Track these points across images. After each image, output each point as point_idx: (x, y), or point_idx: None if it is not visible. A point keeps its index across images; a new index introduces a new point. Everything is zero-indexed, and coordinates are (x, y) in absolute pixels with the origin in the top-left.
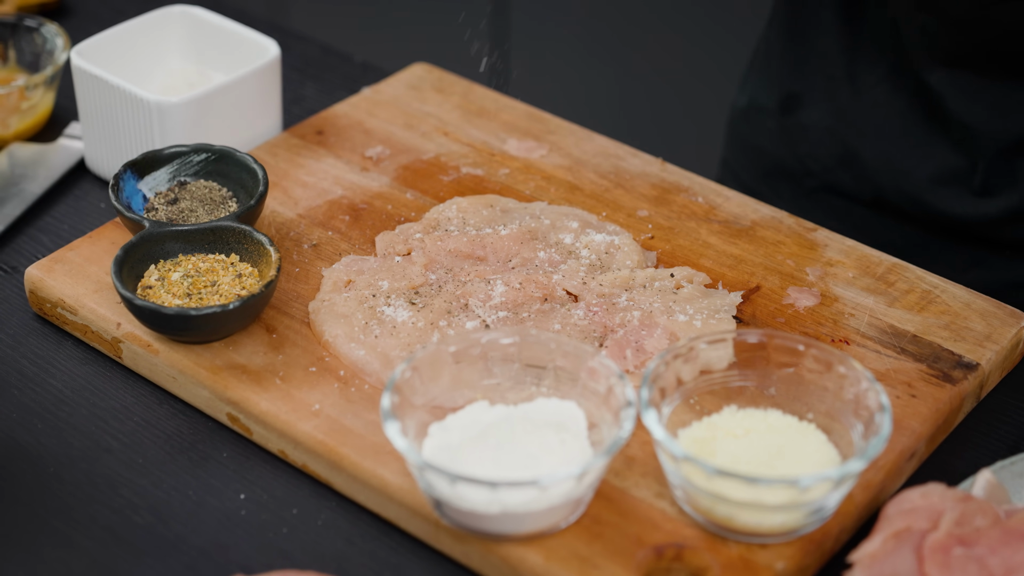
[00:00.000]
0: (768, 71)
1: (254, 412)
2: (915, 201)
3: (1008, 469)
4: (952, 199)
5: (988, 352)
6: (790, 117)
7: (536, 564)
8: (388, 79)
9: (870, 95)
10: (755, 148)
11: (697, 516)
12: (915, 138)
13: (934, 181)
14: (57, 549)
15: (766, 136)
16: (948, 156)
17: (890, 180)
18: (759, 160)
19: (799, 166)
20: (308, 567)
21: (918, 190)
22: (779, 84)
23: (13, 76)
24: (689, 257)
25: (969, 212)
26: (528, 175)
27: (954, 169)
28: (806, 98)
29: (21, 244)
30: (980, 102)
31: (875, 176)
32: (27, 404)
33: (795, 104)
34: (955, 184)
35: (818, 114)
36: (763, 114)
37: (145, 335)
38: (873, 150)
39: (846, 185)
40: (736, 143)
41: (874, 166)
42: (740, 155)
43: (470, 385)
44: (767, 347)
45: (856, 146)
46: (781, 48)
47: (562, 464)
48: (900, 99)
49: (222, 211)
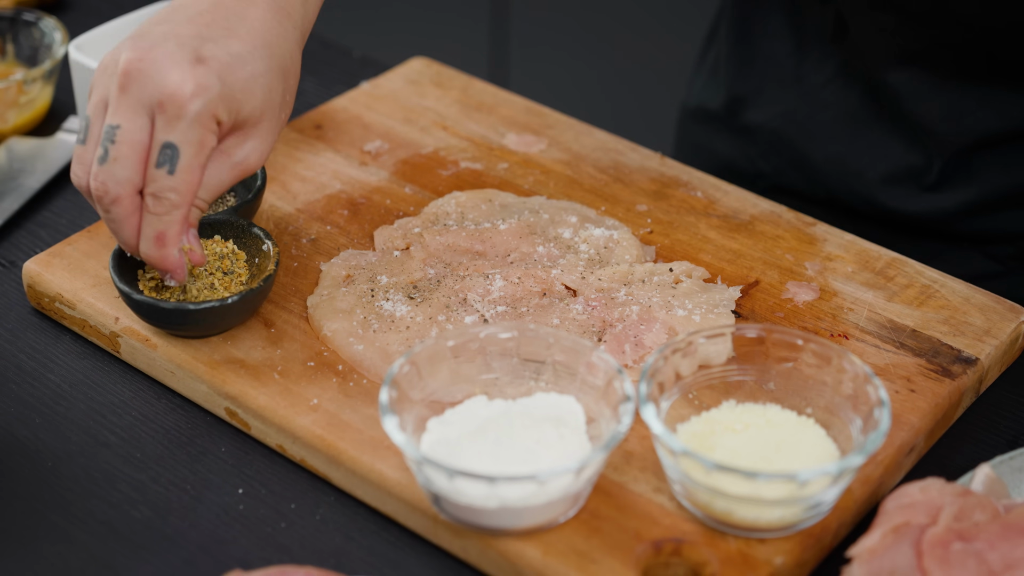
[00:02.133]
0: (715, 72)
1: (252, 407)
2: (868, 201)
3: (1007, 464)
4: (906, 197)
5: (987, 347)
6: (738, 119)
7: (534, 559)
8: (387, 73)
9: (818, 96)
10: (705, 149)
11: (696, 511)
12: (867, 139)
13: (886, 181)
14: (55, 544)
15: (716, 137)
16: (901, 155)
17: (841, 181)
18: (710, 160)
19: (750, 167)
20: (306, 562)
21: (870, 190)
22: (727, 86)
23: (11, 70)
24: (688, 252)
25: (924, 208)
26: (527, 169)
27: (908, 168)
28: (753, 100)
29: (19, 238)
30: (936, 101)
31: (826, 178)
32: (25, 399)
33: (742, 106)
34: (908, 182)
35: (765, 116)
36: (711, 115)
37: (143, 329)
38: (823, 152)
39: (799, 186)
40: (686, 143)
41: (824, 168)
42: (691, 155)
43: (468, 380)
44: (766, 342)
45: (806, 148)
46: (728, 50)
47: (560, 459)
48: (850, 99)
49: (220, 205)
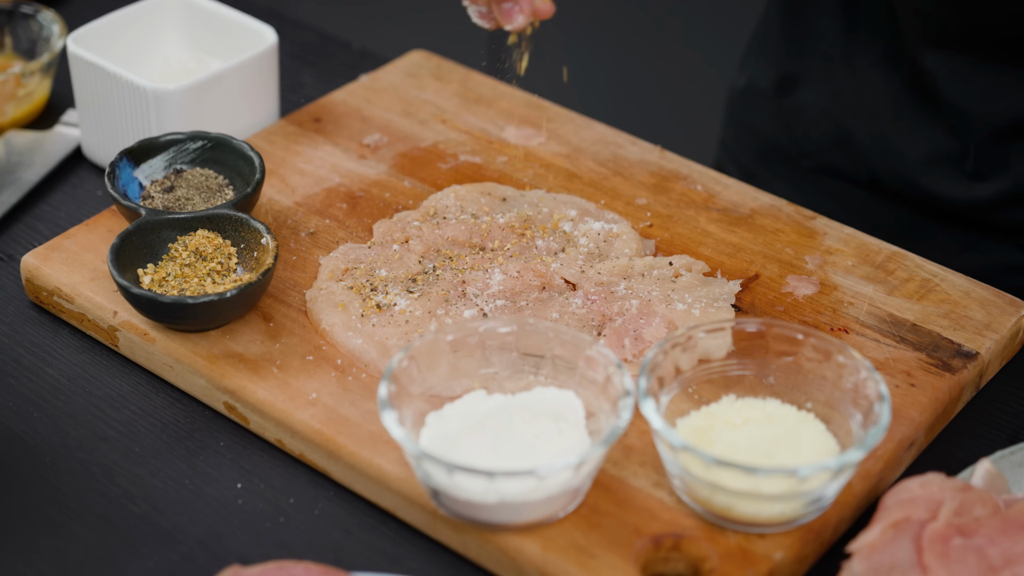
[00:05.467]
0: (766, 52)
1: (251, 401)
2: (908, 183)
3: (1007, 459)
4: (944, 182)
5: (988, 341)
6: (786, 98)
7: (534, 554)
8: (386, 66)
9: (865, 77)
10: (753, 129)
11: (695, 506)
12: (908, 120)
13: (927, 163)
14: (53, 538)
15: (763, 117)
16: (940, 139)
17: (884, 162)
18: (756, 142)
19: (795, 147)
20: (305, 557)
21: (911, 172)
22: (776, 65)
23: (9, 63)
24: (688, 245)
25: (961, 195)
26: (526, 163)
27: (946, 152)
28: (803, 79)
29: (17, 232)
30: (972, 85)
31: (869, 158)
32: (23, 393)
33: (792, 85)
34: (947, 167)
35: (814, 96)
36: (760, 95)
37: (142, 323)
38: (867, 132)
39: (842, 166)
40: (734, 124)
41: (868, 148)
42: (738, 136)
43: (468, 374)
44: (766, 336)
45: (851, 128)
46: (779, 29)
47: (560, 454)
48: (894, 81)
49: (219, 199)
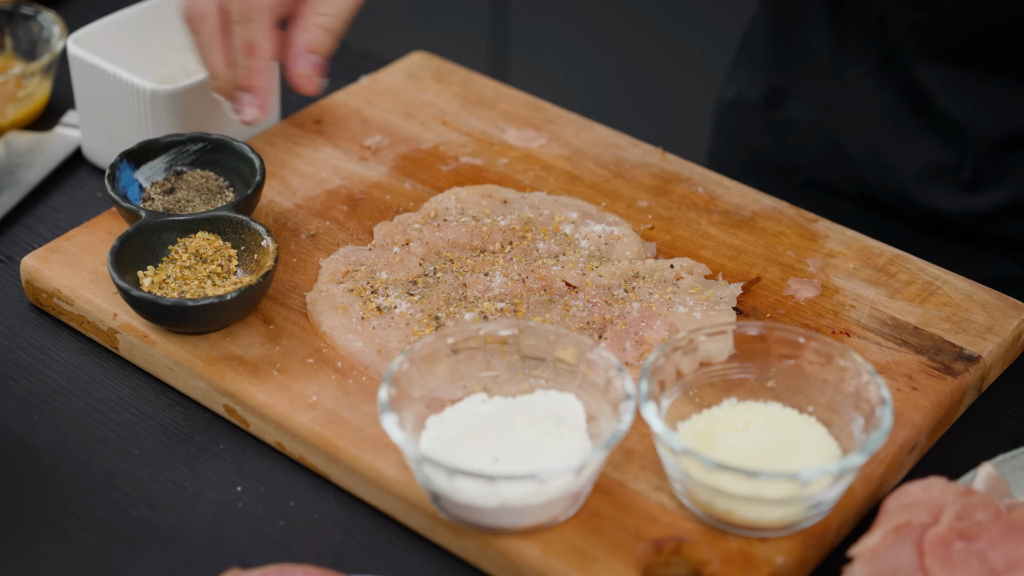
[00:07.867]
0: (754, 64)
1: (251, 404)
2: (902, 196)
3: (1010, 463)
4: (939, 195)
5: (990, 344)
6: (776, 111)
7: (534, 558)
8: (387, 68)
9: (856, 89)
10: (741, 142)
11: (696, 510)
12: (902, 133)
13: (921, 176)
14: (53, 542)
15: (752, 130)
16: (936, 151)
17: (876, 175)
18: (745, 154)
19: (786, 160)
20: (305, 560)
21: (905, 185)
22: (765, 78)
23: (10, 64)
24: (689, 248)
25: (957, 208)
26: (527, 165)
27: (941, 164)
28: (792, 92)
29: (17, 234)
30: (969, 97)
31: (861, 171)
32: (23, 395)
33: (781, 98)
34: (942, 179)
35: (804, 108)
36: (749, 108)
37: (141, 326)
38: (859, 145)
39: (833, 180)
40: (722, 136)
41: (860, 161)
42: (726, 148)
43: (468, 377)
44: (767, 339)
45: (842, 141)
46: (767, 41)
47: (561, 457)
48: (887, 93)
49: (219, 201)
